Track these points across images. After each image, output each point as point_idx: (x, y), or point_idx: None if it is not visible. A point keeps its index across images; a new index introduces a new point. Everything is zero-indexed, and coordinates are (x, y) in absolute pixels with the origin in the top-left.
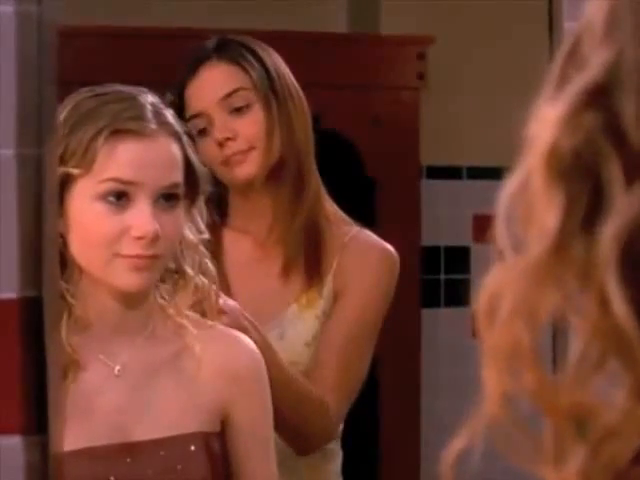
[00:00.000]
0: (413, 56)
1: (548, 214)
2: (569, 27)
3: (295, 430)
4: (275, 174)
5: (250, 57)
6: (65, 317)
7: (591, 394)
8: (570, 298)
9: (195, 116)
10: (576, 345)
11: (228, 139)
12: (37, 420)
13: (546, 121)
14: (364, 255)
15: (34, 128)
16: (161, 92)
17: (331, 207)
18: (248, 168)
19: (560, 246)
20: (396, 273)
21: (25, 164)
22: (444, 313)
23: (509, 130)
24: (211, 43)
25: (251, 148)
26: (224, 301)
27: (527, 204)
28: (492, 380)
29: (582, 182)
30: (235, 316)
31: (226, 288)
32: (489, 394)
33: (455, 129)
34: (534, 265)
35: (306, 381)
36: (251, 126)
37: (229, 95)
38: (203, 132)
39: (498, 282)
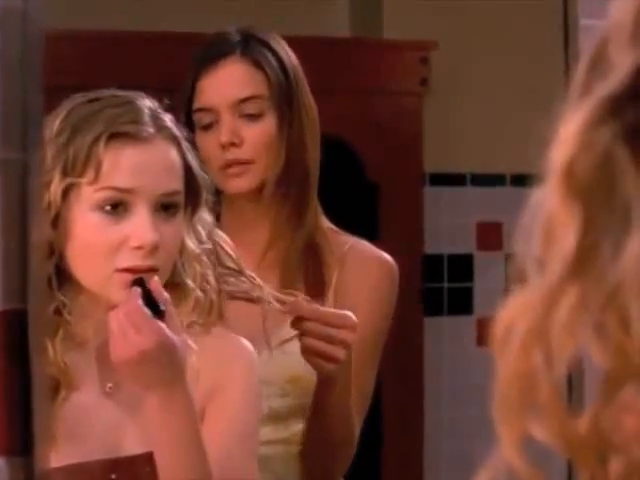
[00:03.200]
0: (416, 61)
1: (566, 234)
2: (585, 25)
3: (325, 461)
4: (277, 189)
5: (274, 62)
6: (61, 333)
7: (617, 425)
8: (591, 321)
9: (203, 109)
10: (599, 373)
11: (233, 144)
12: (22, 441)
13: (563, 137)
14: (363, 269)
15: (19, 132)
16: (157, 98)
17: (324, 220)
18: (244, 182)
19: (580, 266)
20: (396, 284)
21: (10, 169)
22: (447, 321)
23: (513, 137)
24: (236, 36)
25: (251, 161)
26: None
27: (546, 225)
28: (504, 425)
29: (602, 199)
30: None
31: None
32: (502, 441)
33: (459, 135)
34: (552, 287)
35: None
36: (259, 136)
37: (245, 100)
38: (207, 127)
39: (514, 307)
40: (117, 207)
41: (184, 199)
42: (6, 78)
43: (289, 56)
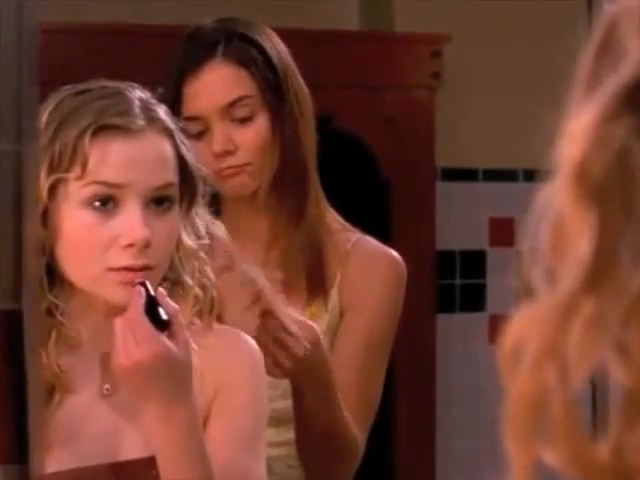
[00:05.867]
0: (428, 55)
1: (580, 240)
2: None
3: (324, 465)
4: (275, 186)
5: (259, 59)
6: (54, 336)
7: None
8: (610, 336)
9: (192, 118)
10: (620, 392)
11: (227, 152)
12: (18, 447)
13: (574, 134)
14: (369, 266)
15: (14, 123)
16: (150, 88)
17: (330, 214)
18: (242, 184)
19: (596, 276)
20: (404, 281)
21: (3, 161)
22: (459, 318)
23: (526, 131)
24: (215, 34)
25: (247, 163)
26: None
27: (557, 229)
28: (515, 448)
29: (619, 201)
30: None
31: None
32: (513, 466)
33: (471, 130)
34: (566, 300)
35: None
36: (253, 139)
37: (233, 104)
38: (198, 135)
39: (524, 322)
40: (106, 203)
41: (179, 193)
42: (0, 68)
43: (275, 48)
